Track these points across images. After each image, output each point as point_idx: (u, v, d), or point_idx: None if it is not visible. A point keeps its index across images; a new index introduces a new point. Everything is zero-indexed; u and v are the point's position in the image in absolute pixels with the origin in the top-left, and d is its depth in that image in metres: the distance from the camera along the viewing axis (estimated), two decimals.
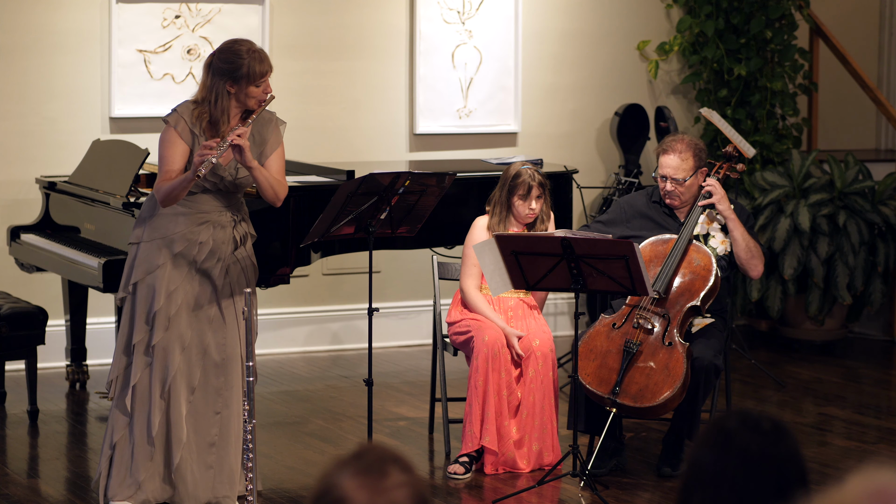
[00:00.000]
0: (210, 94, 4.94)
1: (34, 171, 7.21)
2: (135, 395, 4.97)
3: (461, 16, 8.15)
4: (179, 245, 4.96)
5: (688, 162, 5.74)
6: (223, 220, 5.03)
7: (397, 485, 1.98)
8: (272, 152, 5.06)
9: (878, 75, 9.81)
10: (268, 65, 4.97)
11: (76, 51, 7.37)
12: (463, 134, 8.23)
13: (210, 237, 4.99)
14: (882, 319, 8.44)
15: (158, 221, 4.99)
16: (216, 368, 5.02)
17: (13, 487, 5.52)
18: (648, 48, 8.66)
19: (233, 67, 4.90)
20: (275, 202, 5.03)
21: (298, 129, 7.90)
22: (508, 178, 5.84)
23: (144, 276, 4.97)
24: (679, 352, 5.50)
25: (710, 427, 2.24)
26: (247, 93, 4.93)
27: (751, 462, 2.17)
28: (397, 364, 7.72)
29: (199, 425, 5.01)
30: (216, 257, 5.00)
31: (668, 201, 5.81)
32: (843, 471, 1.92)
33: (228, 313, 5.02)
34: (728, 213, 5.73)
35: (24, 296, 6.80)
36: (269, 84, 4.98)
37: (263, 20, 7.67)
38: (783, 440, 2.20)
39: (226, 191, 5.03)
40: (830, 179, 8.07)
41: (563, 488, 5.53)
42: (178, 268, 4.96)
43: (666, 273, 5.64)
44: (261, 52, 4.97)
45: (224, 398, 5.03)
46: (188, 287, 4.97)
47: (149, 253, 4.98)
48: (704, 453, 2.21)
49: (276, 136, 5.09)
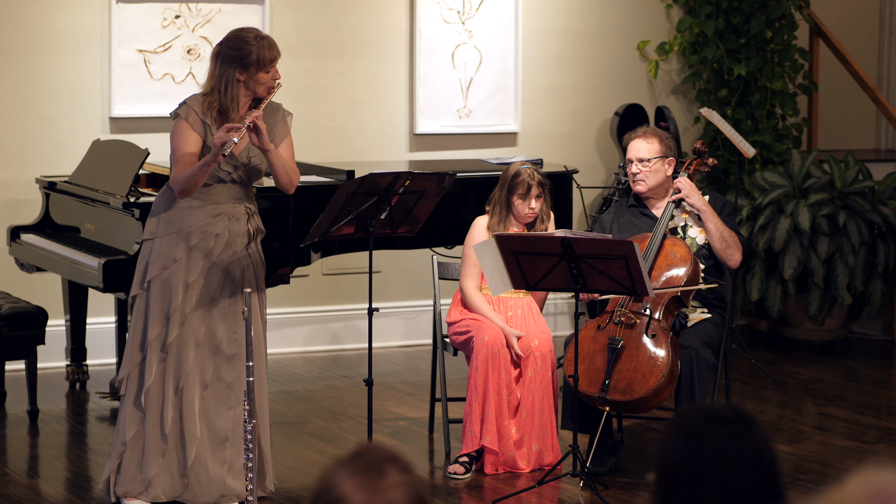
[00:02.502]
0: (220, 83, 4.95)
1: (34, 171, 7.21)
2: (149, 392, 4.98)
3: (461, 16, 8.15)
4: (196, 237, 4.97)
5: (653, 145, 5.84)
6: (238, 211, 5.04)
7: (395, 485, 1.98)
8: (281, 141, 5.08)
9: (878, 75, 9.81)
10: (276, 51, 5.00)
11: (76, 51, 7.37)
12: (463, 134, 8.23)
13: (225, 229, 5.00)
14: (882, 319, 8.44)
15: (173, 215, 4.99)
16: (227, 363, 5.02)
17: (13, 487, 5.52)
18: (648, 48, 8.66)
19: (242, 54, 4.92)
20: (288, 188, 5.06)
21: (298, 129, 7.85)
22: (508, 178, 5.84)
23: (161, 272, 4.97)
24: (663, 342, 5.51)
25: (674, 423, 2.22)
26: (256, 79, 4.95)
27: (728, 457, 2.15)
28: (397, 364, 7.72)
29: (212, 421, 5.02)
30: (231, 250, 5.01)
31: (636, 188, 5.84)
32: (843, 471, 1.92)
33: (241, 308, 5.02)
34: (700, 205, 5.78)
35: (24, 296, 6.80)
36: (277, 71, 5.01)
37: (263, 20, 7.67)
38: (752, 427, 2.19)
39: (240, 181, 5.04)
40: (830, 179, 8.07)
41: (563, 488, 5.53)
42: (194, 261, 4.97)
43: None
44: (268, 38, 5.01)
45: (236, 393, 5.03)
46: (203, 281, 4.99)
47: (165, 248, 4.98)
48: (676, 449, 2.19)
49: (283, 125, 5.12)
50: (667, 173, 5.86)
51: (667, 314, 5.62)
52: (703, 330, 5.70)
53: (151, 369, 4.97)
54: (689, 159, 5.99)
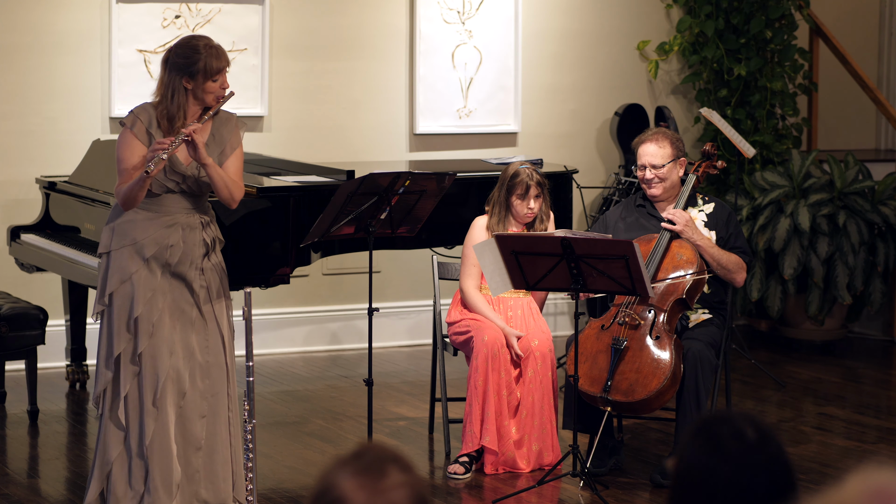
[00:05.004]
0: (167, 91, 4.85)
1: (34, 171, 7.21)
2: (127, 406, 4.88)
3: (461, 16, 8.15)
4: (150, 249, 4.86)
5: (665, 149, 5.81)
6: (192, 221, 4.93)
7: (396, 485, 1.97)
8: (231, 153, 4.96)
9: (878, 75, 9.81)
10: (225, 60, 4.87)
11: (76, 51, 7.37)
12: (463, 134, 8.23)
13: (180, 239, 4.89)
14: (882, 319, 8.44)
15: (126, 227, 4.90)
16: (201, 370, 4.93)
17: (13, 487, 5.52)
18: (648, 48, 8.66)
19: (189, 62, 4.82)
20: (230, 203, 4.93)
21: (298, 129, 7.90)
22: (507, 178, 5.84)
23: (119, 286, 4.87)
24: (667, 344, 5.50)
25: (699, 429, 2.23)
26: (204, 88, 4.83)
27: (739, 471, 2.17)
28: (397, 364, 7.72)
29: (186, 430, 4.92)
30: (189, 260, 4.90)
31: (650, 192, 5.84)
32: (843, 471, 1.92)
33: (209, 318, 4.94)
34: (696, 239, 5.72)
35: (24, 296, 6.80)
36: (226, 80, 4.89)
37: (263, 20, 7.67)
38: (769, 446, 2.20)
39: (189, 192, 4.93)
40: (830, 179, 8.07)
41: (563, 488, 5.53)
42: (152, 272, 4.87)
43: (649, 269, 5.65)
44: (218, 47, 4.89)
45: (209, 403, 4.95)
46: (166, 291, 4.88)
47: (121, 261, 4.88)
48: (695, 456, 2.20)
49: (235, 136, 4.98)
50: (679, 174, 5.86)
51: (671, 316, 5.61)
52: (706, 331, 5.69)
53: (126, 382, 4.87)
54: (697, 161, 5.98)
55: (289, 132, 7.86)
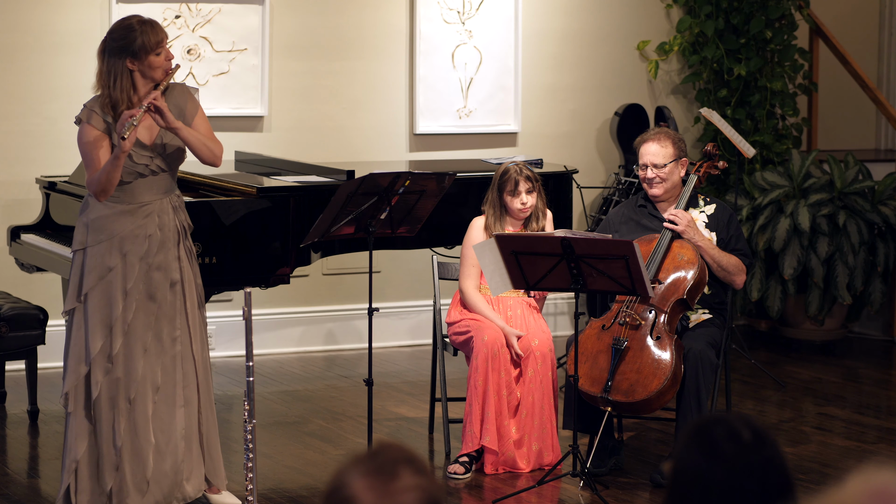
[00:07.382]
0: (108, 79, 4.82)
1: (34, 171, 7.20)
2: (98, 406, 4.85)
3: (461, 16, 8.15)
4: (129, 243, 4.84)
5: (667, 148, 5.81)
6: (164, 206, 4.92)
7: (407, 488, 1.94)
8: (193, 117, 4.94)
9: (878, 75, 9.81)
10: (162, 33, 4.85)
11: (76, 51, 7.36)
12: (463, 134, 8.23)
13: (157, 228, 4.88)
14: (882, 319, 8.44)
15: (102, 222, 4.87)
16: (173, 361, 4.91)
17: (13, 487, 5.52)
18: (648, 48, 8.66)
19: (127, 42, 4.79)
20: (214, 161, 4.93)
21: (298, 129, 7.90)
22: (497, 177, 5.86)
23: (97, 283, 4.86)
24: (668, 345, 5.50)
25: (695, 431, 2.23)
26: (149, 63, 4.81)
27: (734, 473, 2.17)
28: (397, 364, 7.71)
29: (164, 423, 4.90)
30: (166, 248, 4.89)
31: (652, 191, 5.84)
32: (843, 471, 1.92)
33: (180, 307, 4.92)
34: (697, 240, 5.72)
35: (24, 296, 6.80)
36: (169, 52, 4.87)
37: (263, 20, 7.67)
38: (764, 448, 2.20)
39: (160, 171, 4.90)
40: (830, 179, 8.07)
41: (563, 488, 5.53)
42: (130, 267, 4.84)
43: (650, 269, 5.65)
44: (153, 21, 4.87)
45: (185, 392, 4.93)
46: (142, 285, 4.86)
47: (99, 257, 4.85)
48: (691, 458, 2.20)
49: (192, 102, 4.96)
50: (680, 174, 5.86)
51: (672, 316, 5.61)
52: (706, 331, 5.69)
53: (98, 382, 4.84)
54: (699, 162, 5.98)
55: (289, 132, 7.86)
